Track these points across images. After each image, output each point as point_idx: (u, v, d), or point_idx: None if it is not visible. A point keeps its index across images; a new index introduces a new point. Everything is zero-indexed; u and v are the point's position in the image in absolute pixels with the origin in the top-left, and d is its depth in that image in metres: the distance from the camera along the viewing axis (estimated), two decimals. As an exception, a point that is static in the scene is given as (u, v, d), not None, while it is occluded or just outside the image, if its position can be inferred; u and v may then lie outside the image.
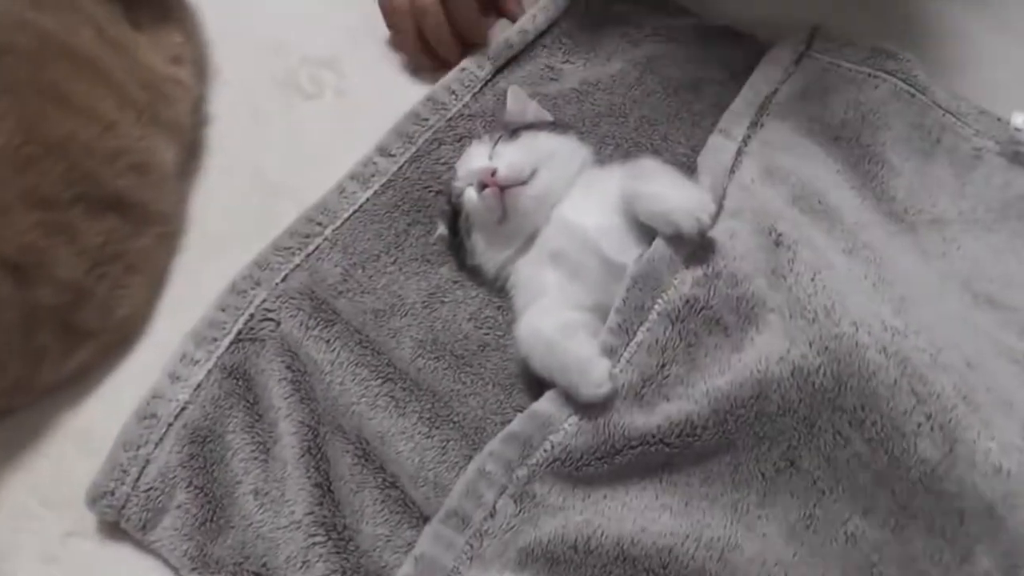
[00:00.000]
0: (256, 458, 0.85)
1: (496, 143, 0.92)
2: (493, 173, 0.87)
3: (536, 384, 0.83)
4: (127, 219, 0.95)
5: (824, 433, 0.77)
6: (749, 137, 0.97)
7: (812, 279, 0.81)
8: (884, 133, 1.00)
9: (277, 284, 0.93)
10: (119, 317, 0.94)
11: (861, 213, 0.93)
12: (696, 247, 0.82)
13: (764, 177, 0.92)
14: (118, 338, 0.95)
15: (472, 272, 0.95)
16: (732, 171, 0.93)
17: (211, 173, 1.07)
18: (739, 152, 0.95)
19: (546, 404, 0.80)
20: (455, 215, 0.93)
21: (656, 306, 0.81)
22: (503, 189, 0.87)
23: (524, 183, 0.88)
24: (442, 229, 0.96)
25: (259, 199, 1.03)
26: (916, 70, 1.04)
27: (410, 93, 1.09)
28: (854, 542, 0.75)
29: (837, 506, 0.76)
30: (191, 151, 1.07)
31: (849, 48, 1.07)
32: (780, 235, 0.84)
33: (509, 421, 0.83)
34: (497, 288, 0.94)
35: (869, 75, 1.04)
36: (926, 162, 1.00)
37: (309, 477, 0.82)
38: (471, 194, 0.90)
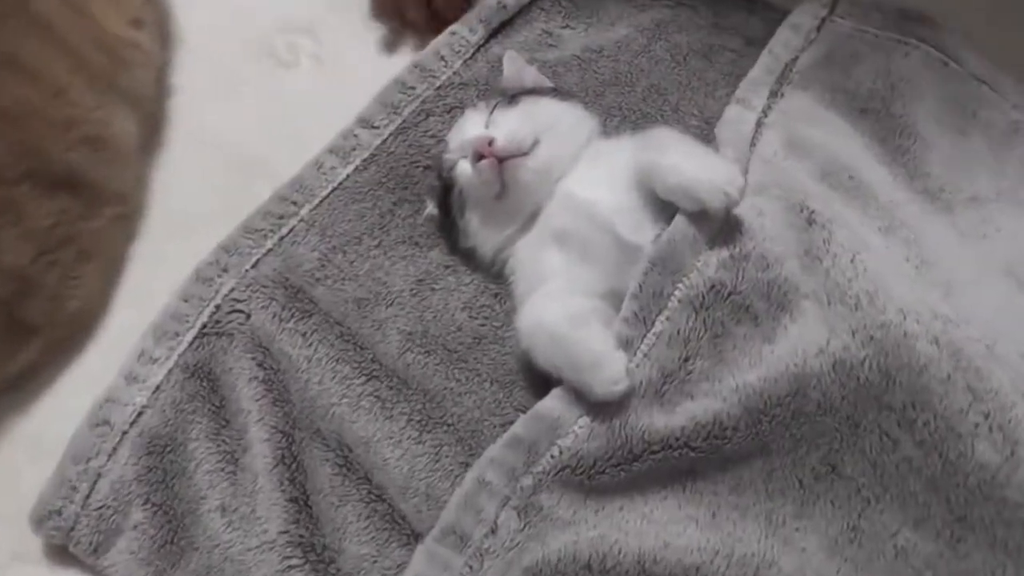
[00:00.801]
0: (223, 470, 0.75)
1: (493, 110, 0.83)
2: (490, 142, 0.78)
3: (540, 380, 0.75)
4: (80, 198, 0.86)
5: (870, 434, 0.69)
6: (769, 107, 0.89)
7: (851, 261, 0.72)
8: (915, 105, 0.92)
9: (247, 271, 0.84)
10: (70, 310, 0.85)
11: (895, 190, 0.84)
12: (721, 226, 0.73)
13: (788, 150, 0.84)
14: (69, 333, 0.86)
15: (466, 255, 0.86)
16: (752, 144, 0.84)
17: (175, 148, 0.97)
18: (759, 124, 0.87)
19: (553, 403, 0.71)
20: (446, 191, 0.84)
21: (677, 292, 0.72)
22: (502, 161, 0.78)
23: (525, 154, 0.79)
24: (431, 208, 0.87)
25: (228, 177, 0.94)
26: (948, 36, 0.96)
27: (395, 60, 1.00)
28: (904, 557, 0.68)
29: (885, 516, 0.69)
30: (154, 124, 0.98)
31: (876, 13, 0.98)
32: (813, 213, 0.75)
33: (510, 422, 0.75)
34: (494, 273, 0.84)
35: (898, 42, 0.95)
36: (961, 136, 0.92)
37: (283, 490, 0.73)
38: (465, 167, 0.81)
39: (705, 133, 0.89)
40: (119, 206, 0.89)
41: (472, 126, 0.82)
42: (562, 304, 0.74)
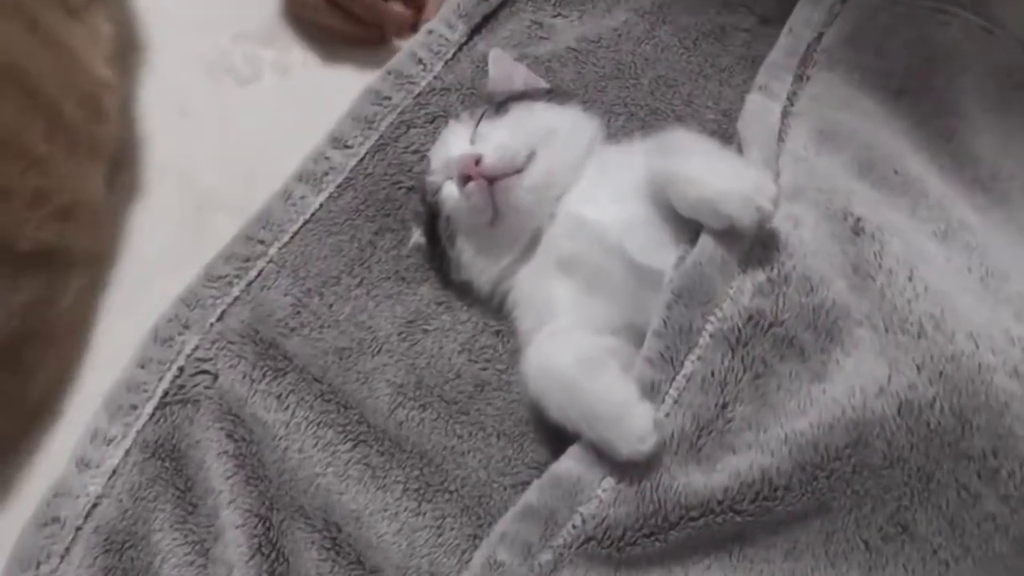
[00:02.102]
0: (192, 563, 0.64)
1: (479, 122, 0.71)
2: (477, 161, 0.67)
3: (555, 431, 0.63)
4: (45, 276, 0.74)
5: (946, 489, 0.59)
6: (794, 94, 0.77)
7: (909, 278, 0.61)
8: (957, 81, 0.81)
9: (212, 325, 0.73)
10: (32, 401, 0.74)
11: (944, 184, 0.73)
12: (753, 244, 0.62)
13: (820, 143, 0.72)
14: (25, 426, 0.74)
15: (460, 290, 0.75)
16: (780, 138, 0.72)
17: (135, 186, 0.85)
18: (785, 114, 0.75)
19: (571, 464, 0.60)
20: (433, 218, 0.72)
21: (708, 326, 0.61)
22: (492, 181, 0.67)
23: (518, 171, 0.68)
24: (418, 236, 0.76)
25: (189, 213, 0.82)
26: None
27: (366, 68, 0.88)
28: None
29: (966, 582, 0.58)
30: (116, 164, 0.85)
31: (906, -20, 0.86)
32: (859, 220, 0.64)
33: (522, 483, 0.66)
34: (494, 308, 0.73)
35: (933, 11, 0.84)
36: (1010, 112, 0.80)
37: (263, 586, 0.62)
38: (451, 190, 0.69)
39: (724, 127, 0.79)
40: (89, 268, 0.78)
41: (456, 142, 0.71)
42: (572, 345, 0.63)
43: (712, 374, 0.60)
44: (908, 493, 0.58)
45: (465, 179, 0.67)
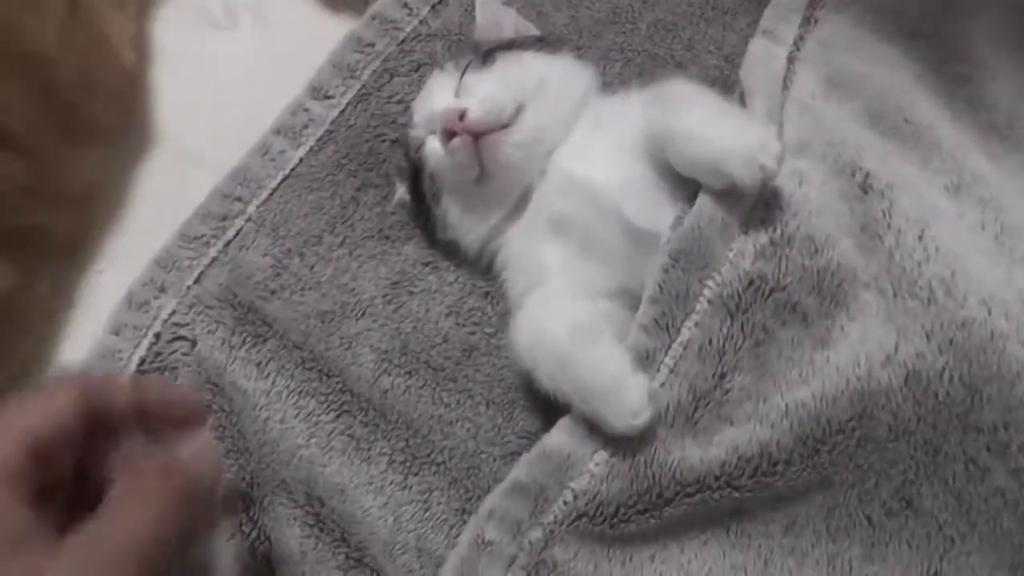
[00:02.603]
0: None
1: (464, 72, 0.66)
2: (462, 116, 0.62)
3: (545, 399, 0.59)
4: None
5: (953, 463, 0.56)
6: (801, 38, 0.72)
7: (919, 238, 0.58)
8: (974, 22, 0.75)
9: (188, 288, 0.70)
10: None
11: (959, 133, 0.68)
12: (755, 203, 0.58)
13: (828, 91, 0.67)
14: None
15: (447, 249, 0.70)
16: (786, 86, 0.67)
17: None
18: (791, 59, 0.70)
19: (561, 438, 0.57)
20: (416, 175, 0.68)
21: (706, 291, 0.57)
22: (477, 137, 0.62)
23: (505, 126, 0.63)
24: (402, 193, 0.71)
25: (163, 168, 0.78)
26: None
27: (349, 13, 0.83)
28: None
29: (972, 559, 0.56)
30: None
31: (921, -88, 0.80)
32: (868, 175, 0.60)
33: (512, 454, 0.63)
34: (482, 269, 0.69)
35: (949, -53, 0.77)
36: (1029, 56, 0.75)
37: (243, 562, 0.60)
38: (435, 146, 0.65)
39: (726, 74, 0.74)
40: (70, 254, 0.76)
41: (440, 94, 0.66)
42: (565, 312, 0.59)
43: (710, 342, 0.57)
44: (914, 467, 0.55)
45: (449, 135, 0.62)
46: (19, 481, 0.41)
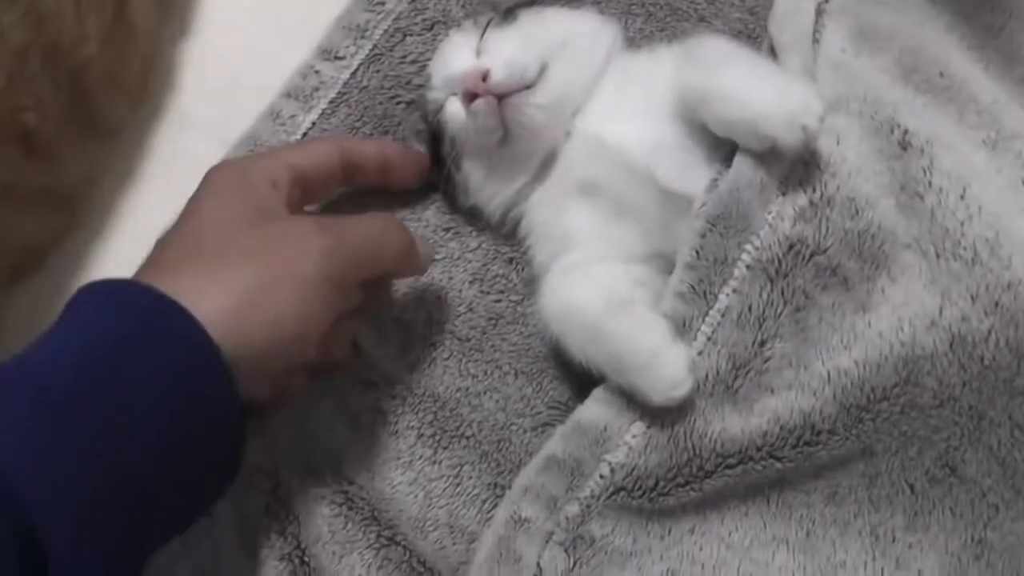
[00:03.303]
0: (200, 526, 0.58)
1: (484, 31, 0.63)
2: (484, 77, 0.59)
3: (575, 367, 0.57)
4: None
5: (998, 428, 0.54)
6: (829, -9, 0.68)
7: (962, 196, 0.55)
8: (1004, -33, 0.71)
9: None
10: None
11: (993, 86, 0.66)
12: (792, 164, 0.55)
13: (859, 44, 0.63)
14: None
15: (470, 214, 0.67)
16: (815, 40, 0.64)
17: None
18: (819, 12, 0.65)
19: (597, 410, 0.55)
20: (436, 139, 0.65)
21: (745, 256, 0.55)
22: (501, 99, 0.59)
23: (529, 87, 0.60)
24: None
25: (163, 136, 0.74)
26: None
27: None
28: None
29: (1018, 526, 0.55)
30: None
31: None
32: (906, 133, 0.57)
33: (542, 425, 0.61)
34: (506, 234, 0.66)
35: None
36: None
37: (272, 547, 0.58)
38: (455, 109, 0.62)
39: (750, 27, 0.70)
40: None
41: (458, 55, 0.63)
42: (595, 280, 0.57)
43: (749, 308, 0.54)
44: (958, 433, 0.54)
45: (471, 97, 0.59)
46: (279, 193, 0.55)
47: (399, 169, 0.64)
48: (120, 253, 0.72)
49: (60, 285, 0.71)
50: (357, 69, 0.71)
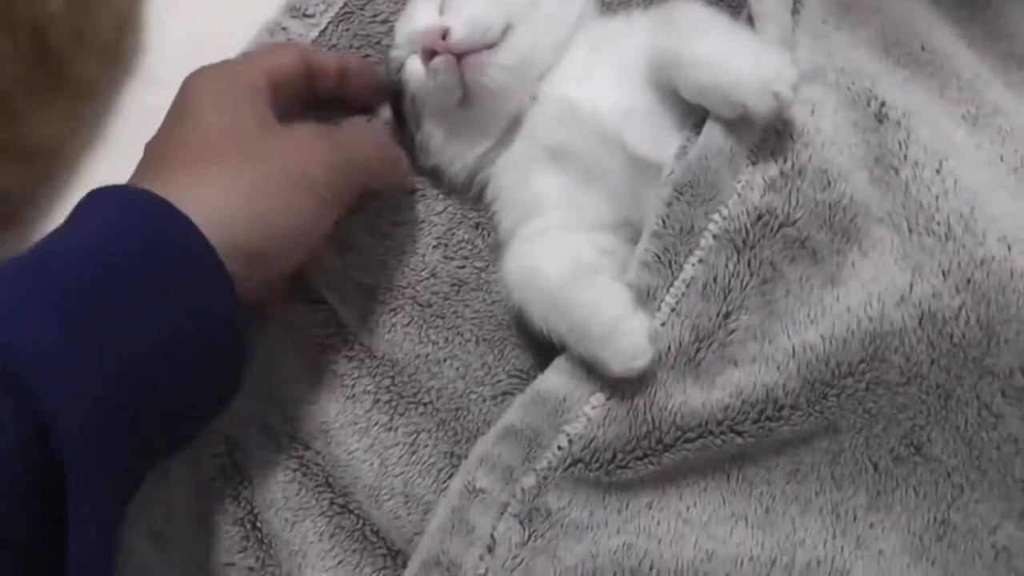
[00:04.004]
0: (150, 487, 0.54)
1: None
2: (444, 34, 0.56)
3: (538, 335, 0.55)
4: None
5: (966, 407, 0.53)
6: (811, -41, 0.66)
7: (938, 170, 0.53)
8: (992, -62, 0.69)
9: None
10: None
11: (976, 61, 0.64)
12: (765, 133, 0.53)
13: (841, 15, 0.61)
14: None
15: (432, 175, 0.64)
16: (795, 11, 0.61)
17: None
18: (800, -19, 0.64)
19: (556, 380, 0.53)
20: (398, 97, 0.62)
21: (712, 226, 0.53)
22: (460, 57, 0.56)
23: (491, 46, 0.57)
24: (386, 114, 0.65)
25: (129, 93, 0.71)
26: None
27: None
28: (1007, 558, 0.53)
29: (982, 508, 0.54)
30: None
31: None
32: (883, 105, 0.55)
33: (502, 394, 0.59)
34: (472, 197, 0.64)
35: None
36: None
37: (225, 510, 0.56)
38: (416, 66, 0.59)
39: None
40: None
41: (423, 12, 0.60)
42: (559, 248, 0.55)
43: (715, 279, 0.52)
44: (924, 412, 0.52)
45: (430, 54, 0.56)
46: (262, 97, 0.54)
47: (356, 76, 0.62)
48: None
49: (34, 240, 0.69)
50: (326, 28, 0.67)
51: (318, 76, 0.60)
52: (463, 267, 0.62)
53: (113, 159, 0.71)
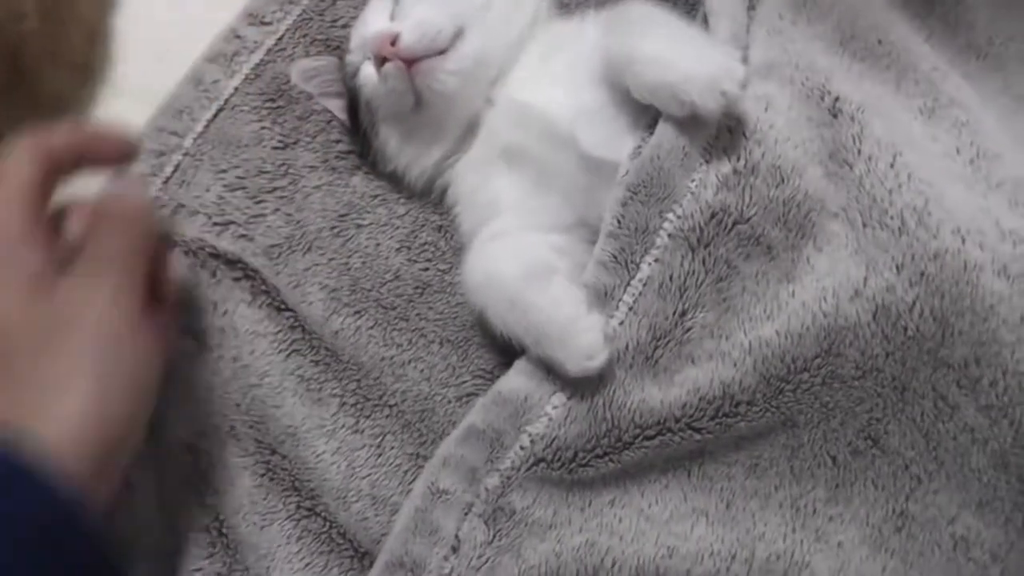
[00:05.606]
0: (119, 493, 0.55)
1: None
2: (394, 41, 0.55)
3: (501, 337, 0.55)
4: None
5: (921, 400, 0.52)
6: (768, -44, 0.64)
7: (891, 164, 0.52)
8: (950, -72, 0.67)
9: None
10: None
11: (934, 54, 0.62)
12: (718, 131, 0.52)
13: (797, 10, 0.60)
14: None
15: (391, 180, 0.64)
16: (752, 6, 0.60)
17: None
18: (758, -22, 0.63)
19: (518, 381, 0.52)
20: (354, 103, 0.61)
21: (667, 225, 0.52)
22: (411, 63, 0.55)
23: (442, 52, 0.56)
24: (342, 116, 0.65)
25: (98, 104, 0.70)
26: None
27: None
28: (965, 548, 0.52)
29: (940, 499, 0.53)
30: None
31: None
32: (837, 100, 0.54)
33: (467, 395, 0.58)
34: (434, 201, 0.63)
35: None
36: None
37: (191, 518, 0.55)
38: (368, 72, 0.59)
39: None
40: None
41: (375, 17, 0.59)
42: (516, 250, 0.54)
43: (671, 278, 0.51)
44: (881, 405, 0.51)
45: (381, 60, 0.56)
46: (27, 229, 0.47)
47: (96, 145, 0.53)
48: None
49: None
50: (284, 35, 0.67)
51: (61, 166, 0.51)
52: (427, 270, 0.62)
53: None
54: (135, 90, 0.70)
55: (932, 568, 0.51)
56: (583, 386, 0.51)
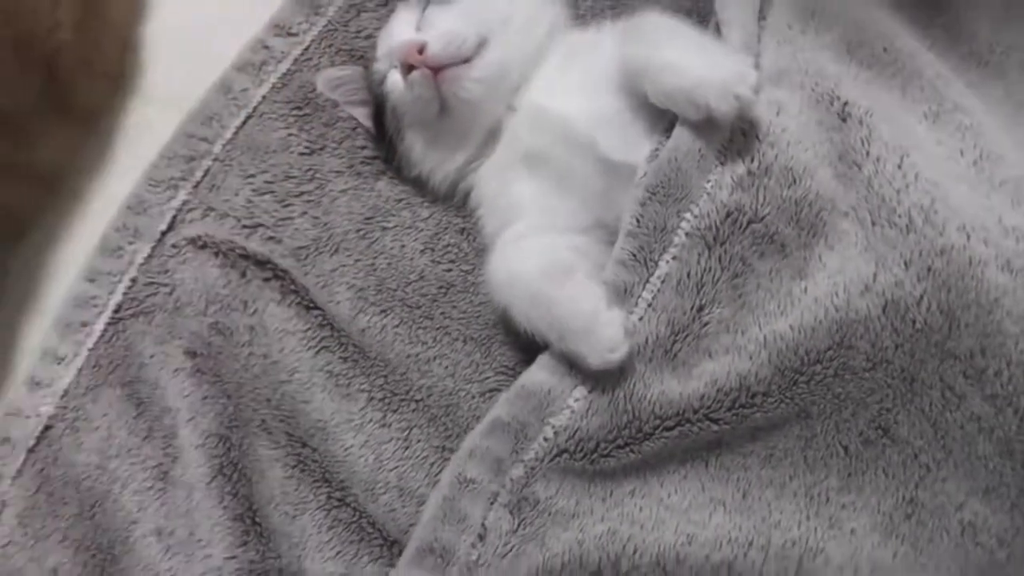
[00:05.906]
0: (151, 487, 0.59)
1: (426, 6, 0.62)
2: (421, 49, 0.58)
3: (523, 334, 0.56)
4: None
5: (929, 390, 0.54)
6: (777, -33, 0.67)
7: (899, 166, 0.54)
8: (951, -58, 0.70)
9: (163, 233, 0.65)
10: None
11: (938, 61, 0.64)
12: (732, 134, 0.54)
13: (806, 20, 0.63)
14: None
15: (416, 185, 0.66)
16: (762, 16, 0.62)
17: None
18: (768, -10, 0.65)
19: (541, 375, 0.54)
20: (380, 110, 0.64)
21: (684, 224, 0.54)
22: (437, 71, 0.58)
23: (467, 60, 0.59)
24: (367, 124, 0.67)
25: (128, 114, 0.72)
26: None
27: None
28: (972, 533, 0.53)
29: (948, 486, 0.54)
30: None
31: None
32: (846, 104, 0.56)
33: (490, 390, 0.60)
34: (456, 205, 0.65)
35: None
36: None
37: (226, 507, 0.57)
38: (396, 80, 0.61)
39: (700, 4, 0.68)
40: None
41: (401, 28, 0.61)
42: (538, 250, 0.56)
43: (688, 275, 0.54)
44: (890, 395, 0.53)
45: (408, 68, 0.58)
46: None
47: None
48: (96, 227, 0.69)
49: (41, 254, 0.70)
50: (309, 45, 0.70)
51: None
52: (450, 270, 0.64)
53: (114, 176, 0.72)
54: (164, 98, 0.72)
55: (941, 553, 0.53)
56: (604, 379, 0.53)
